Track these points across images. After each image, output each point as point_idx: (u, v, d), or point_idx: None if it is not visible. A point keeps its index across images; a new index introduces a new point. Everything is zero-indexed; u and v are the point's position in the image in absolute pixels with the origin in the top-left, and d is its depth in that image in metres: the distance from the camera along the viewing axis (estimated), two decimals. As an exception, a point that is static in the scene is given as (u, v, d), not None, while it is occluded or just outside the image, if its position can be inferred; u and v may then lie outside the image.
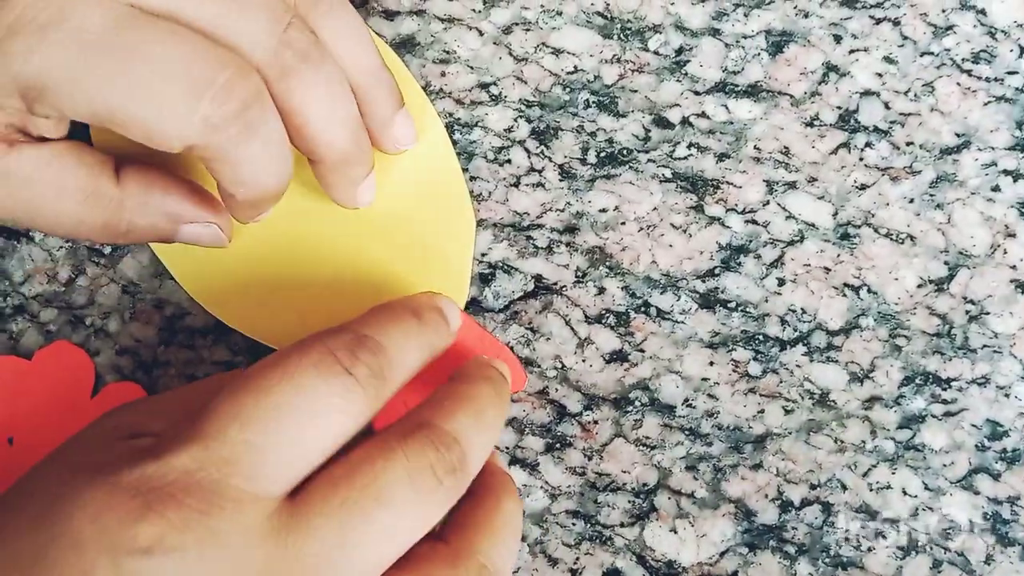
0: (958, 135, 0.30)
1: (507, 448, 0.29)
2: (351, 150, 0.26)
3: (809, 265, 0.30)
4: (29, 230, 0.30)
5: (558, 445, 0.29)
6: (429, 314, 0.25)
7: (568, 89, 0.30)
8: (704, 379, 0.29)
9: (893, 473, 0.29)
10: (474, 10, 0.31)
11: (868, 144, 0.30)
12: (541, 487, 0.29)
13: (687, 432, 0.29)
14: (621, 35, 0.31)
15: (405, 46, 0.30)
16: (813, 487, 0.29)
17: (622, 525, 0.29)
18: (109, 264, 0.30)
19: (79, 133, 0.26)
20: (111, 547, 0.18)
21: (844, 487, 0.29)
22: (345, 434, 0.22)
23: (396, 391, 0.23)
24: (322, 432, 0.21)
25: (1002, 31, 0.31)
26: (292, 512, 0.20)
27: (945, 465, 0.29)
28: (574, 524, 0.29)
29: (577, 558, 0.29)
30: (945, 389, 0.29)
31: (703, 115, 0.30)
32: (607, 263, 0.30)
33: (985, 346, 0.29)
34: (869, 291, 0.30)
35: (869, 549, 0.29)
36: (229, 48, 0.23)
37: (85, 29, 0.21)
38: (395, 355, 0.23)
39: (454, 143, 0.30)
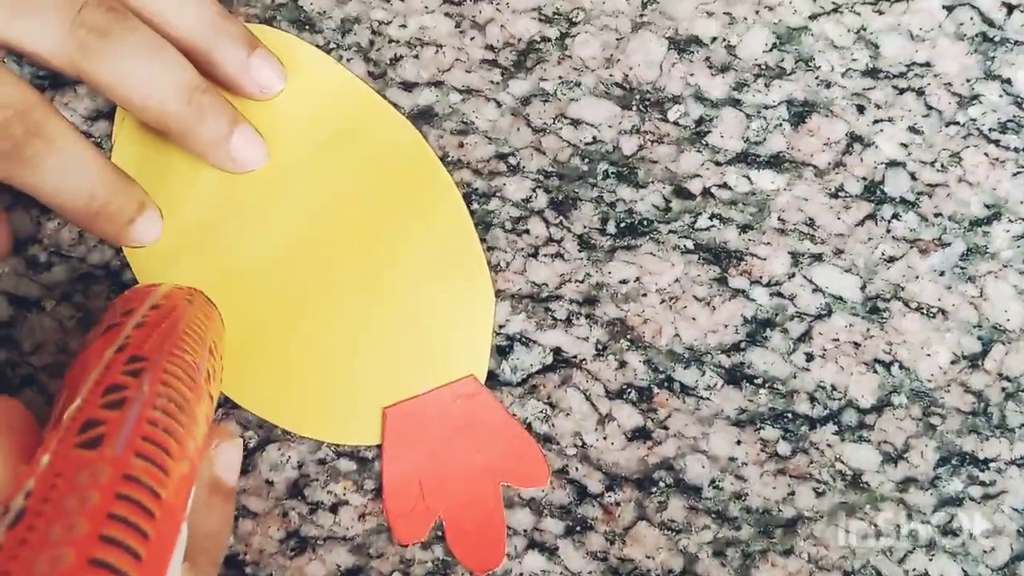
0: (987, 206, 0.30)
1: (525, 531, 0.28)
2: (189, 113, 0.26)
3: (838, 340, 0.29)
4: (40, 300, 0.29)
5: (578, 528, 0.28)
6: None
7: (587, 160, 0.30)
8: (731, 459, 0.28)
9: (930, 559, 0.27)
10: (492, 81, 0.30)
11: (895, 215, 0.29)
12: (561, 573, 0.28)
13: (714, 515, 0.28)
14: (640, 106, 0.30)
15: (423, 117, 0.30)
16: (847, 574, 0.27)
17: (645, 613, 0.27)
18: (119, 336, 0.29)
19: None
20: None
21: (879, 574, 0.27)
22: None
23: None
24: None
25: (1029, 101, 0.30)
26: None
27: (985, 551, 0.28)
28: (595, 612, 0.27)
29: (598, 649, 0.27)
30: (983, 470, 0.28)
31: (725, 186, 0.30)
32: (628, 336, 0.29)
33: (1023, 425, 0.28)
34: (901, 367, 0.29)
35: (908, 642, 0.27)
36: (23, 53, 0.24)
37: None
38: None
39: (472, 213, 0.29)
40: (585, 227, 0.30)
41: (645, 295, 0.29)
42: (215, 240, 0.29)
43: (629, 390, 0.29)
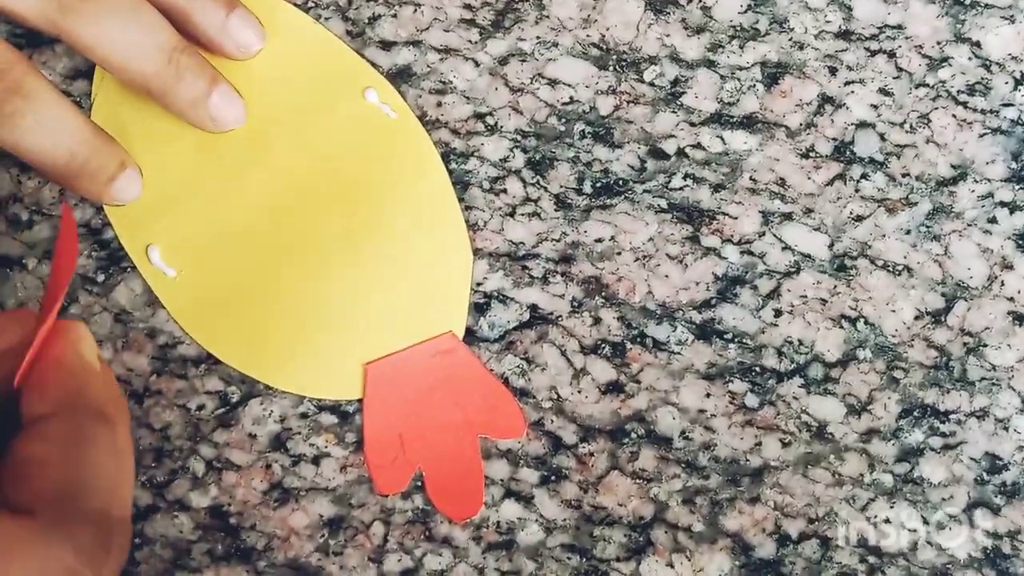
0: (954, 167, 0.30)
1: (501, 481, 0.29)
2: (168, 73, 0.26)
3: (806, 296, 0.30)
4: (23, 258, 0.30)
5: (553, 478, 0.29)
6: None
7: (564, 120, 0.30)
8: (701, 411, 0.29)
9: (891, 507, 0.29)
10: (470, 41, 0.31)
11: (864, 175, 0.30)
12: (536, 520, 0.29)
13: (684, 465, 0.29)
14: (617, 66, 0.31)
15: (401, 76, 0.30)
16: (811, 521, 0.29)
17: (618, 560, 0.28)
18: (102, 293, 0.30)
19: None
20: None
21: (843, 521, 0.29)
22: None
23: None
24: None
25: (996, 63, 0.31)
26: None
27: (944, 499, 0.29)
28: (569, 559, 0.29)
29: (572, 593, 0.28)
30: (943, 422, 0.29)
31: (699, 146, 0.30)
32: (603, 293, 0.30)
33: (983, 378, 0.29)
34: (866, 323, 0.30)
35: (868, 585, 0.28)
36: (2, 11, 0.24)
37: None
38: None
39: (450, 172, 0.30)
40: (562, 187, 0.30)
41: (620, 253, 0.30)
42: (195, 198, 0.29)
43: (603, 345, 0.29)
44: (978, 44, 0.31)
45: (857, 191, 0.30)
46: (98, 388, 0.21)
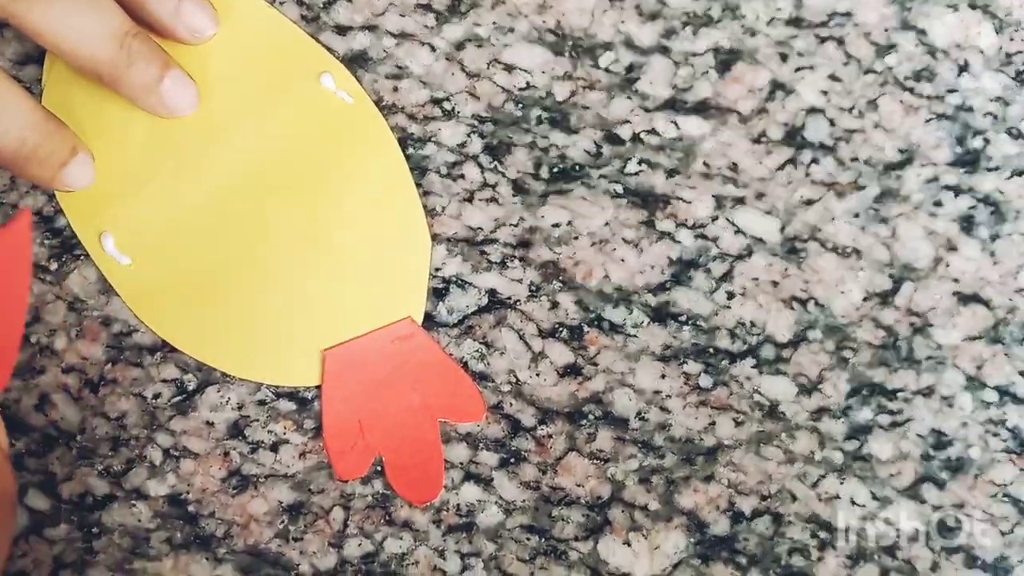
0: (901, 151, 0.31)
1: (461, 464, 0.29)
2: (119, 58, 0.26)
3: (758, 279, 0.30)
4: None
5: (512, 460, 0.29)
6: None
7: (520, 105, 0.31)
8: (656, 392, 0.30)
9: (841, 483, 0.29)
10: (426, 26, 0.31)
11: (814, 160, 0.31)
12: (496, 502, 0.29)
13: (640, 445, 0.29)
14: (572, 52, 0.31)
15: (357, 61, 0.30)
16: (764, 498, 0.29)
17: (576, 539, 0.29)
18: (55, 281, 0.29)
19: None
20: None
21: (794, 498, 0.29)
22: None
23: None
24: None
25: (941, 51, 0.31)
26: None
27: (892, 475, 0.30)
28: (529, 539, 0.29)
29: (532, 573, 0.29)
30: (891, 400, 0.30)
31: (653, 131, 0.31)
32: (560, 277, 0.30)
33: (929, 357, 0.30)
34: (816, 304, 0.30)
35: (819, 559, 0.29)
36: None
37: None
38: None
39: (407, 158, 0.30)
40: (519, 172, 0.30)
41: (577, 238, 0.30)
42: (149, 185, 0.29)
43: (561, 329, 0.30)
44: (924, 32, 0.31)
45: (807, 175, 0.31)
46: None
